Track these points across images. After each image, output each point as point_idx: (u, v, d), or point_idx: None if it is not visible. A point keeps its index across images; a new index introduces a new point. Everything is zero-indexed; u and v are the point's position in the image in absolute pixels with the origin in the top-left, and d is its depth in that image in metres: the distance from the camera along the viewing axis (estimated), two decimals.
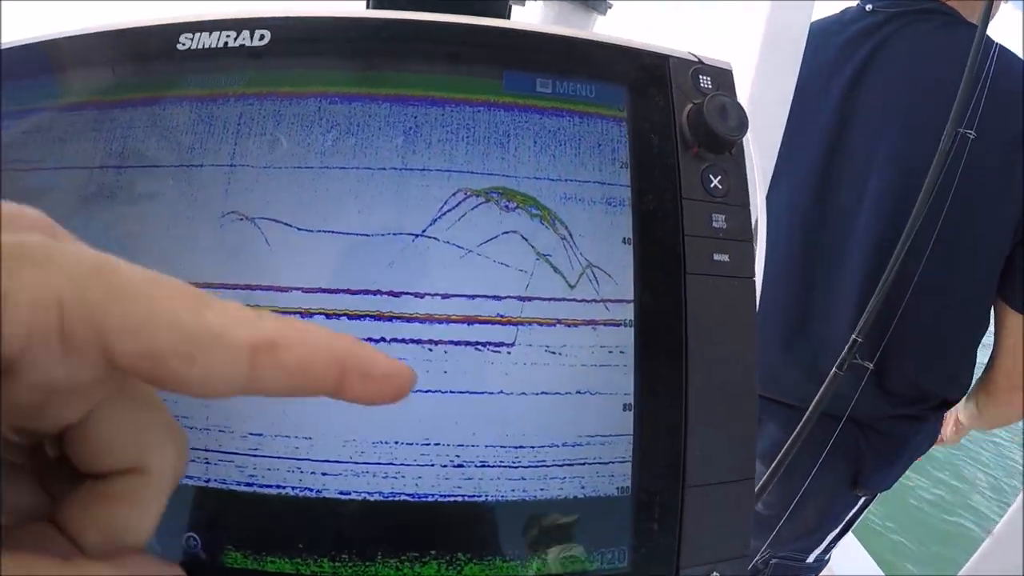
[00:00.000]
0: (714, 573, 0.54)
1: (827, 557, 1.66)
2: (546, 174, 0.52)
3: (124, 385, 0.23)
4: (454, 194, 0.50)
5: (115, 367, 0.21)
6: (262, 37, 0.52)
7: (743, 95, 0.96)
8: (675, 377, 0.52)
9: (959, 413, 1.64)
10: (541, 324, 0.50)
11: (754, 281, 0.56)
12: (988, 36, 1.20)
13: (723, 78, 0.59)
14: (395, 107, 0.51)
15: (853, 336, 1.08)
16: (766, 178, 1.00)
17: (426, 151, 0.50)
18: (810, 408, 1.06)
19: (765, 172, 0.98)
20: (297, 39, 0.53)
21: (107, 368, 0.21)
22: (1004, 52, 1.27)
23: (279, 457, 0.47)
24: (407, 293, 0.48)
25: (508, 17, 0.69)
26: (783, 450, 1.04)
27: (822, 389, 1.07)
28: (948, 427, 1.73)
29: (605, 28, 0.99)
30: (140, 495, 0.23)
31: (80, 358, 0.20)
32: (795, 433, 1.05)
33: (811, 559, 1.61)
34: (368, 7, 0.65)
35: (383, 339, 0.48)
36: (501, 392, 0.49)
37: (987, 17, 1.09)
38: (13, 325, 0.18)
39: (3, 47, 0.54)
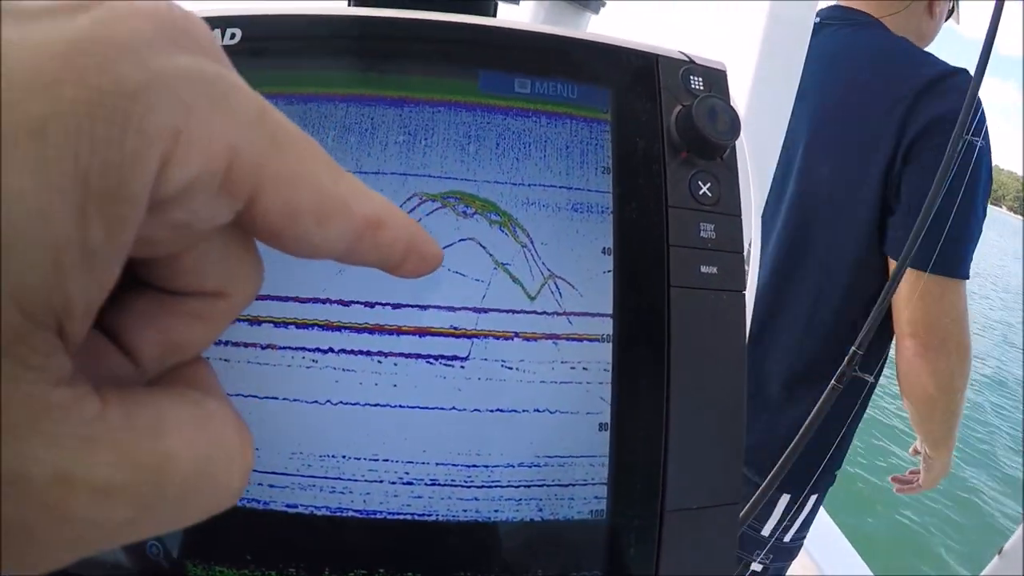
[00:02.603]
0: None
1: (788, 538, 1.66)
2: (508, 178, 0.49)
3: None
4: (409, 198, 0.48)
5: (249, 216, 0.21)
6: (233, 36, 0.51)
7: (742, 99, 0.92)
8: (656, 396, 0.50)
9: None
10: (497, 337, 0.47)
11: (744, 295, 0.53)
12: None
13: (716, 79, 0.55)
14: (352, 108, 0.49)
15: (853, 348, 1.05)
16: (764, 186, 0.96)
17: (381, 153, 0.48)
18: (809, 417, 1.03)
19: (764, 180, 0.95)
20: (269, 38, 0.51)
21: (240, 213, 0.21)
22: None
23: None
24: (357, 302, 0.46)
25: (494, 15, 0.66)
26: (778, 464, 1.01)
27: (820, 401, 1.03)
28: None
29: (599, 27, 0.96)
30: (215, 316, 0.24)
31: (228, 204, 0.20)
32: (793, 443, 1.01)
33: (765, 532, 1.64)
34: (349, 4, 0.63)
35: (331, 349, 0.46)
36: (453, 408, 0.46)
37: (995, 24, 1.06)
38: (182, 168, 0.18)
39: None
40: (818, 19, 1.53)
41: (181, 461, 0.19)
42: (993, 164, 1.41)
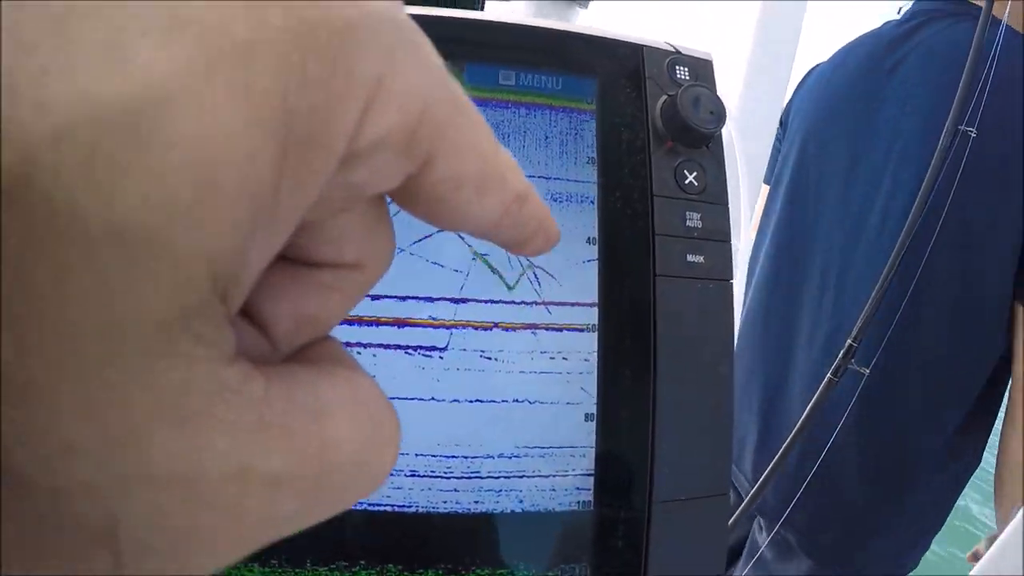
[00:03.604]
0: None
1: None
2: None
3: None
4: None
5: (416, 181, 0.19)
6: None
7: (735, 92, 0.92)
8: (643, 386, 0.50)
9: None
10: (476, 327, 0.47)
11: (731, 284, 0.53)
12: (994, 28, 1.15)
13: (702, 68, 0.55)
14: None
15: (849, 341, 1.03)
16: (757, 176, 0.95)
17: None
18: (806, 411, 1.01)
19: (756, 171, 0.94)
20: None
21: (411, 177, 0.19)
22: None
23: None
24: None
25: (481, 8, 0.66)
26: (772, 464, 1.00)
27: (817, 393, 1.02)
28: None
29: (589, 22, 0.96)
30: (350, 289, 0.22)
31: (404, 166, 0.18)
32: (788, 440, 1.00)
33: None
34: None
35: None
36: (432, 399, 0.47)
37: (987, 14, 1.02)
38: (380, 120, 0.17)
39: None
40: (917, 10, 1.39)
41: (344, 446, 0.18)
42: None
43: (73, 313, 0.13)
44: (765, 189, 1.45)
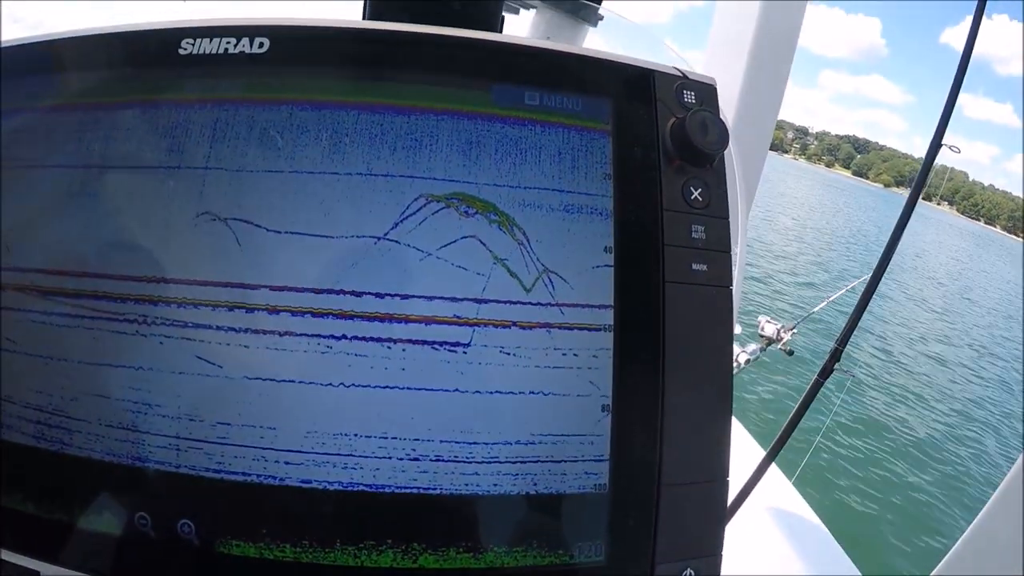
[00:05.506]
0: (688, 570, 0.54)
1: None
2: (506, 181, 0.53)
3: None
4: (416, 199, 0.52)
5: None
6: (261, 45, 0.55)
7: (730, 110, 0.96)
8: (652, 380, 0.54)
9: None
10: (496, 326, 0.51)
11: (731, 290, 0.57)
12: None
13: (707, 93, 0.59)
14: (363, 115, 0.53)
15: (835, 345, 1.06)
16: (752, 191, 0.99)
17: (390, 157, 0.52)
18: (792, 413, 1.04)
19: (752, 185, 0.98)
20: (294, 48, 0.56)
21: None
22: None
23: (245, 446, 0.50)
24: (368, 293, 0.50)
25: (500, 30, 0.70)
26: (761, 461, 1.02)
27: (803, 395, 1.05)
28: None
29: (596, 40, 0.99)
30: None
31: None
32: (776, 439, 1.03)
33: None
34: (364, 17, 0.67)
35: (344, 336, 0.50)
36: (456, 390, 0.50)
37: (975, 28, 1.04)
38: None
39: (2, 45, 0.57)
40: None
41: None
42: (987, 184, 1.21)
43: None
44: None
